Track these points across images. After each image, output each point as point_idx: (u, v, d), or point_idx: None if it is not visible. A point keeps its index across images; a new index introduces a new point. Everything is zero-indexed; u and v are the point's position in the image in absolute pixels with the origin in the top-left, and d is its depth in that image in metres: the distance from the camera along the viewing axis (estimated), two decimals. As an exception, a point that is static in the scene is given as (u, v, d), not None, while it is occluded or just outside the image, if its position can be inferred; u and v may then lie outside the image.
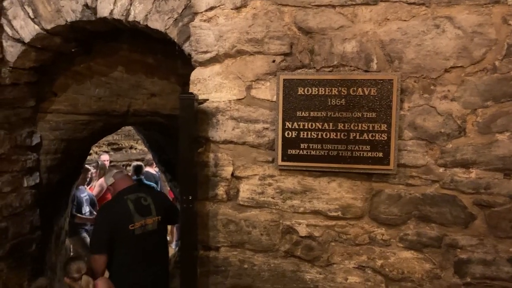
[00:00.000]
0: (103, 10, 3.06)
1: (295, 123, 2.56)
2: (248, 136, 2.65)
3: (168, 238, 7.62)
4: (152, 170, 7.79)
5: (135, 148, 9.34)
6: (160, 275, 3.70)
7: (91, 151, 5.97)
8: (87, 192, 6.18)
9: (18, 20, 3.21)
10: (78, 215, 5.70)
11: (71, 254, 5.55)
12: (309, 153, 2.56)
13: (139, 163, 7.04)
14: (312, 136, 2.55)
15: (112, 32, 3.50)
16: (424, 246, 2.53)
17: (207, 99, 2.67)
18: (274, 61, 2.58)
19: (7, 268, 3.45)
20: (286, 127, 2.57)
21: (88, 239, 6.09)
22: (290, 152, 2.58)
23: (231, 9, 2.63)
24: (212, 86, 2.66)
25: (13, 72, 3.33)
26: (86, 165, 5.92)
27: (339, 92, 2.50)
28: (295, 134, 2.57)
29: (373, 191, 2.57)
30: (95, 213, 5.81)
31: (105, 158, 7.79)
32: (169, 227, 7.83)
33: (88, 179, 6.40)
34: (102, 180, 6.83)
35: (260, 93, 2.62)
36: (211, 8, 2.66)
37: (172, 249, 7.18)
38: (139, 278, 3.53)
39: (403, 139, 2.50)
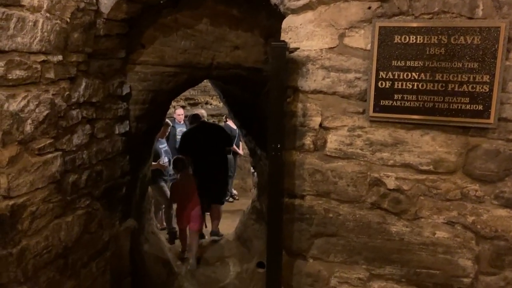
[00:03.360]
0: (193, -40, 3.09)
1: (390, 73, 2.48)
2: (339, 86, 2.61)
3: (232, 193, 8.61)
4: (232, 124, 7.99)
5: (210, 104, 9.59)
6: (218, 178, 6.41)
7: (169, 105, 6.33)
8: (166, 143, 6.48)
9: (113, -28, 3.32)
10: (153, 163, 5.98)
11: (152, 200, 5.91)
12: (403, 105, 2.49)
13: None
14: (407, 87, 2.47)
15: (198, -17, 3.54)
16: (522, 205, 2.43)
17: (298, 48, 2.64)
18: (370, 7, 2.48)
19: (102, 208, 3.73)
20: (380, 77, 2.49)
21: (165, 188, 6.47)
22: (382, 103, 2.52)
23: (326, -47, 2.54)
24: (303, 34, 2.62)
25: (107, 24, 3.46)
26: (167, 119, 6.18)
27: (439, 40, 2.38)
28: (389, 85, 2.49)
29: (469, 145, 2.47)
30: None
31: (180, 112, 8.07)
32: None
33: (167, 133, 6.70)
34: None
35: (354, 41, 2.55)
36: (305, -46, 2.58)
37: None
38: (205, 179, 6.09)
39: (507, 92, 2.36)
